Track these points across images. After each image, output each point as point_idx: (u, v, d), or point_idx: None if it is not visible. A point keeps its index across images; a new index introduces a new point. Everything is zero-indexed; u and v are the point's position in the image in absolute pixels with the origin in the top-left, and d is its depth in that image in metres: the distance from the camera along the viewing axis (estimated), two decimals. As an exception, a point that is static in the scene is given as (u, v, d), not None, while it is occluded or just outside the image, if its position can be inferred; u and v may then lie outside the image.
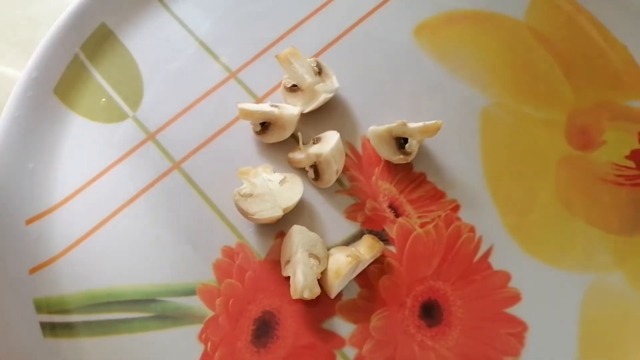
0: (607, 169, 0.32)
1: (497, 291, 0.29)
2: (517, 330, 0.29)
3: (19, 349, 0.28)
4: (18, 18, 0.39)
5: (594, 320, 0.29)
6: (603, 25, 0.36)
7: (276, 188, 0.30)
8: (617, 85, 0.34)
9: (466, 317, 0.29)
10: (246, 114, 0.32)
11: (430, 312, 0.29)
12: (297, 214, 0.31)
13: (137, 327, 0.29)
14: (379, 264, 0.30)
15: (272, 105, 0.32)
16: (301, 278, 0.27)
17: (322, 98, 0.32)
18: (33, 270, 0.30)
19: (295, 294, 0.28)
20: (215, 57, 0.35)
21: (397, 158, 0.31)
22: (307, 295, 0.27)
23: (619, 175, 0.32)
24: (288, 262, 0.29)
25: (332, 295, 0.29)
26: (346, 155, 0.32)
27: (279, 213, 0.30)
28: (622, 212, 0.31)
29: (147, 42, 0.36)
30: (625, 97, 0.34)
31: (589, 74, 0.34)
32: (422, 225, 0.31)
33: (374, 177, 0.32)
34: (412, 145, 0.31)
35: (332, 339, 0.29)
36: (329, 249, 0.30)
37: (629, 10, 0.35)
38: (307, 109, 0.32)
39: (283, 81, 0.34)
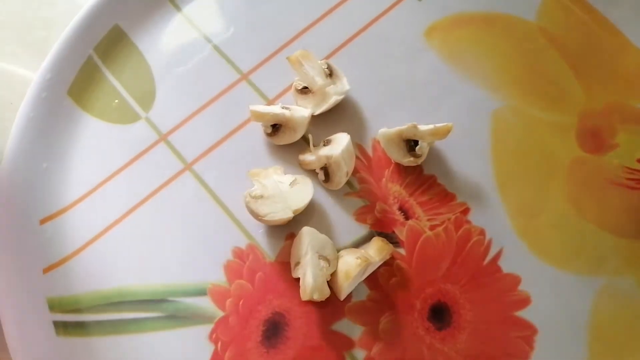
0: (618, 172, 0.32)
1: (507, 294, 0.29)
2: (527, 333, 0.29)
3: (33, 347, 0.29)
4: (32, 19, 0.39)
5: (604, 324, 0.29)
6: (615, 27, 0.35)
7: (287, 190, 0.30)
8: (628, 88, 0.34)
9: (475, 320, 0.29)
10: (257, 116, 0.32)
11: (440, 314, 0.29)
12: (307, 215, 0.31)
13: (148, 326, 0.30)
14: (389, 266, 0.30)
15: (283, 107, 0.32)
16: (311, 280, 0.28)
17: (333, 100, 0.32)
18: (47, 270, 0.31)
19: (304, 296, 0.28)
20: (227, 58, 0.36)
21: (407, 160, 0.31)
22: (316, 296, 0.27)
23: (630, 179, 0.32)
24: (298, 263, 0.29)
25: (342, 297, 0.29)
26: (356, 157, 0.32)
27: (289, 215, 0.30)
28: (633, 216, 0.31)
29: (159, 44, 0.36)
30: (637, 99, 0.34)
31: (600, 76, 0.34)
32: (431, 228, 0.31)
33: (384, 180, 0.32)
34: (423, 147, 0.31)
35: (341, 341, 0.29)
36: (338, 251, 0.30)
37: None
38: (318, 111, 0.33)
39: (294, 83, 0.34)
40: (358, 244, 0.31)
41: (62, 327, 0.29)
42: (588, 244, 0.30)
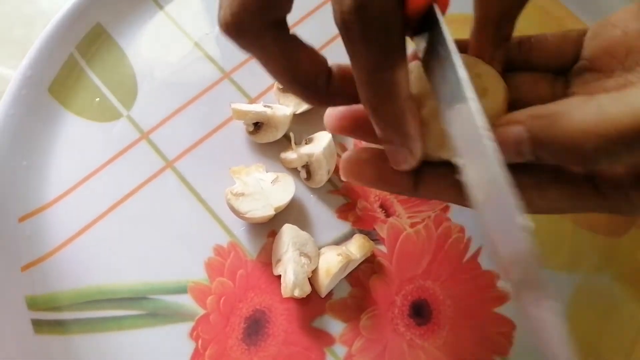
0: (595, 171, 0.32)
1: (486, 290, 0.30)
2: (506, 329, 0.29)
3: (11, 346, 0.28)
4: (13, 17, 0.39)
5: (581, 319, 0.29)
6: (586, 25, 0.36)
7: (268, 187, 0.31)
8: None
9: (455, 316, 0.29)
10: (239, 114, 0.32)
11: (420, 311, 0.29)
12: (288, 213, 0.31)
13: (128, 324, 0.29)
14: (370, 263, 0.30)
15: (265, 106, 0.32)
16: (292, 276, 0.28)
17: (315, 99, 0.32)
18: (25, 268, 0.30)
19: (285, 293, 0.28)
20: (209, 57, 0.36)
21: (388, 159, 0.31)
22: (297, 293, 0.28)
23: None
24: (279, 261, 0.29)
25: (323, 294, 0.29)
26: (338, 155, 0.33)
27: (270, 212, 0.30)
28: (609, 214, 0.31)
29: (141, 42, 0.36)
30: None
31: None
32: (412, 225, 0.31)
33: (365, 178, 0.32)
34: (403, 146, 0.31)
35: (322, 338, 0.29)
36: (319, 248, 0.30)
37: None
38: (300, 110, 0.33)
39: (276, 82, 0.34)
40: (339, 241, 0.31)
41: (41, 325, 0.29)
42: (566, 241, 0.31)
